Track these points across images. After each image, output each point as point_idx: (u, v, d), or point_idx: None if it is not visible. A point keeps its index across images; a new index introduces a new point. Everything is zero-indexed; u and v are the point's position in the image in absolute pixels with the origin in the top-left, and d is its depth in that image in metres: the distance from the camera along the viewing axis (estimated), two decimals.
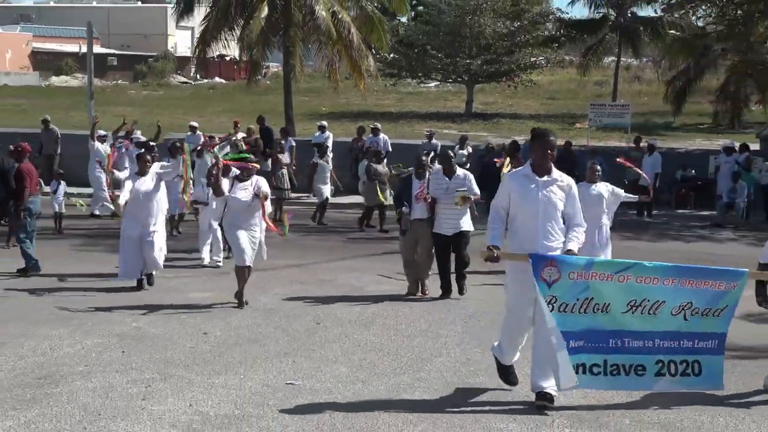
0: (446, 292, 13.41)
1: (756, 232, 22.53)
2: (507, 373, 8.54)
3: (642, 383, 8.04)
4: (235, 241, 12.34)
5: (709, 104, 50.90)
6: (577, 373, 7.80)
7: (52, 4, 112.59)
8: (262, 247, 12.49)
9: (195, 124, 26.88)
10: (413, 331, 11.22)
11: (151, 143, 18.09)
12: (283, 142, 23.86)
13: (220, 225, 13.75)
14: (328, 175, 21.86)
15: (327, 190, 21.61)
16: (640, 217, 24.60)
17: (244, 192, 12.22)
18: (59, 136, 26.22)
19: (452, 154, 14.64)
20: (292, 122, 29.47)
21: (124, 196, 13.02)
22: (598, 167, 15.14)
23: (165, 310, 12.08)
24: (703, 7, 31.29)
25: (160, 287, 13.60)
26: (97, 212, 20.75)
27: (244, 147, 20.55)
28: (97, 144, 20.28)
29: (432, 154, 21.39)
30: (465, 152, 25.76)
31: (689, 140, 40.38)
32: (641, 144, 26.38)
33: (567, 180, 8.28)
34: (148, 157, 13.78)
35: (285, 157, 22.56)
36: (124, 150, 20.22)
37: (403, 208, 13.16)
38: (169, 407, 7.97)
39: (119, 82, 74.85)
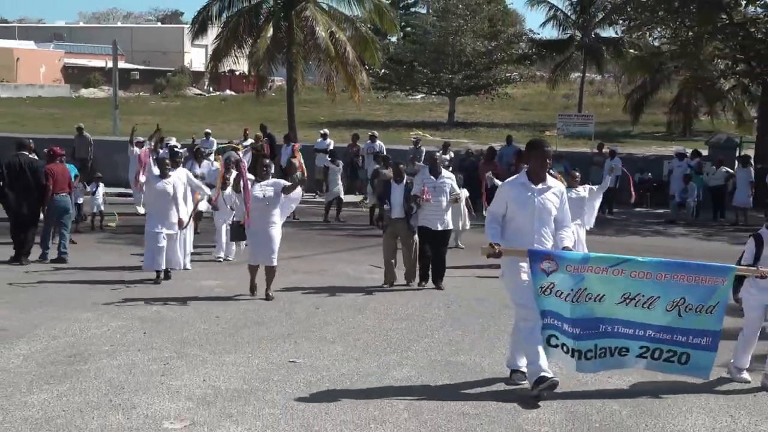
0: (423, 279, 13.25)
1: (704, 228, 22.67)
2: (514, 375, 8.15)
3: (623, 362, 7.94)
4: (252, 240, 12.18)
5: (663, 115, 51.14)
6: (573, 357, 7.78)
7: (81, 24, 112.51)
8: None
9: (209, 130, 26.92)
10: (401, 315, 11.24)
11: (177, 150, 17.83)
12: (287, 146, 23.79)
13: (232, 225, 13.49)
14: (339, 176, 21.84)
15: (339, 189, 21.58)
16: (602, 214, 24.58)
17: (262, 192, 11.97)
18: (92, 142, 26.16)
19: (438, 157, 14.62)
20: (295, 130, 29.42)
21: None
22: (578, 174, 15.30)
23: (181, 297, 12.08)
24: (659, 28, 31.27)
25: (177, 276, 13.59)
26: (141, 210, 20.32)
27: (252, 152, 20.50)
28: (136, 149, 20.21)
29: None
30: (447, 157, 25.75)
31: (646, 147, 40.45)
32: (603, 150, 26.44)
33: (560, 186, 8.14)
34: (168, 161, 13.70)
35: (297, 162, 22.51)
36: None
37: (385, 206, 13.02)
38: (185, 382, 7.98)
39: (141, 93, 74.66)
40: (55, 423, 6.79)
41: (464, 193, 16.67)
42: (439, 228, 13.04)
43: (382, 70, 53.39)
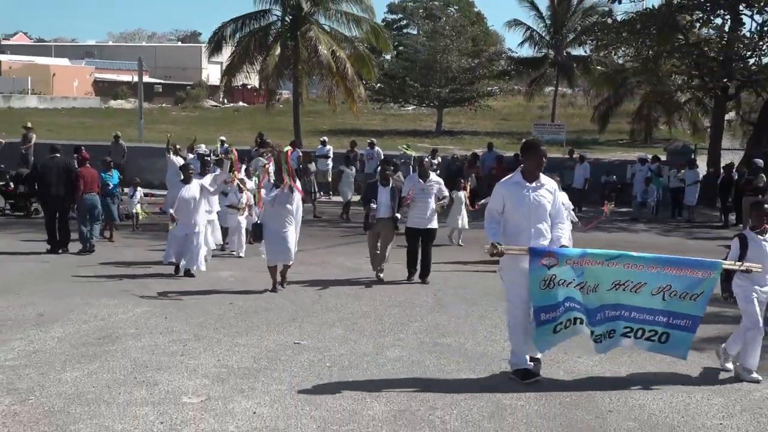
0: (411, 274, 12.89)
1: (663, 224, 22.69)
2: (528, 375, 7.53)
3: (611, 344, 7.70)
4: (269, 241, 11.66)
5: (626, 124, 51.30)
6: (559, 331, 7.56)
7: (110, 43, 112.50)
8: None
9: (224, 138, 26.89)
10: (393, 302, 11.22)
11: (206, 157, 17.59)
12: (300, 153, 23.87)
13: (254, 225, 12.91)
14: (352, 180, 21.78)
15: (350, 193, 21.49)
16: (572, 211, 24.66)
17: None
18: (126, 150, 26.11)
19: (431, 161, 14.33)
20: (300, 137, 29.47)
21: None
22: (558, 177, 15.26)
23: (199, 286, 12.07)
24: (623, 48, 31.32)
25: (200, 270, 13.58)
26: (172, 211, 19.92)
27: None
28: (172, 156, 20.05)
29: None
30: (436, 161, 25.84)
31: (611, 152, 40.53)
32: (574, 155, 26.49)
33: (552, 184, 7.78)
34: (191, 167, 13.68)
35: (312, 167, 22.49)
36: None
37: (371, 205, 12.57)
38: (201, 361, 7.97)
39: (163, 105, 74.63)
40: (85, 398, 6.78)
41: (463, 193, 16.75)
42: (427, 227, 12.76)
43: (378, 85, 53.51)
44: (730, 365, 7.97)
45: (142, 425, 6.19)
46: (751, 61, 28.19)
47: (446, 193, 13.34)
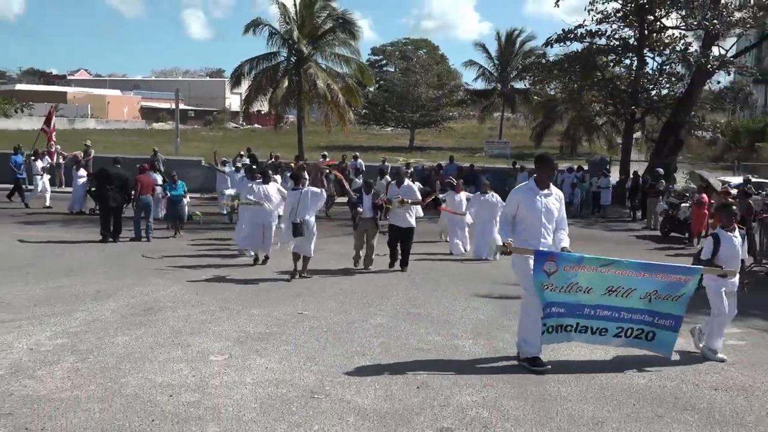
0: (391, 264, 12.49)
1: (585, 219, 22.81)
2: (537, 363, 6.77)
3: (602, 340, 6.99)
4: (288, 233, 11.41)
5: (557, 141, 51.53)
6: (551, 332, 6.78)
7: (153, 78, 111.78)
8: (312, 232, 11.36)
9: (243, 153, 26.71)
10: (377, 281, 11.21)
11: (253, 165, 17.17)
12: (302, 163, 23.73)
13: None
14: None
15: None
16: None
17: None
18: (164, 159, 26.12)
19: (405, 171, 13.90)
20: (303, 152, 29.40)
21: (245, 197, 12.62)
22: (488, 182, 15.30)
23: (223, 269, 12.01)
24: (554, 82, 31.46)
25: (219, 255, 13.52)
26: (225, 211, 19.17)
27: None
28: (219, 167, 19.82)
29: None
30: (410, 170, 25.84)
31: None
32: (517, 165, 26.57)
33: (559, 192, 7.17)
34: (256, 171, 13.78)
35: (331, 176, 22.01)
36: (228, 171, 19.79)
37: (359, 208, 12.29)
38: (225, 327, 7.92)
39: (195, 126, 74.27)
40: (133, 357, 6.72)
41: (409, 197, 16.25)
42: (405, 226, 12.32)
43: (363, 110, 53.41)
44: (721, 355, 7.32)
45: (178, 378, 6.14)
46: (653, 92, 28.41)
47: (418, 196, 12.91)
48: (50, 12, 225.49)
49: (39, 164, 21.65)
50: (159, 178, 17.84)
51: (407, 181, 13.04)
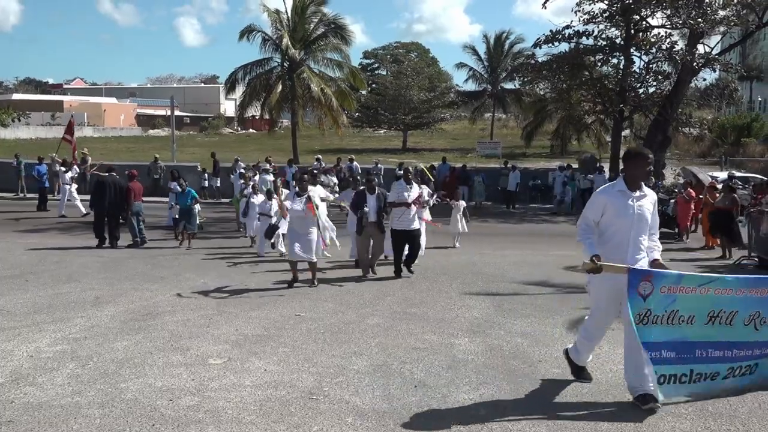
0: (397, 274, 11.55)
1: (576, 217, 22.78)
2: (581, 372, 6.18)
3: (714, 386, 5.71)
4: (290, 241, 10.83)
5: (547, 140, 51.65)
6: (663, 383, 5.51)
7: (149, 85, 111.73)
8: (315, 242, 10.67)
9: (238, 157, 26.70)
10: (372, 282, 11.19)
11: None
12: (296, 168, 23.71)
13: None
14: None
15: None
16: (507, 208, 24.82)
17: (299, 204, 10.58)
18: (164, 167, 26.15)
19: (411, 171, 12.95)
20: (297, 156, 29.38)
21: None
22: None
23: (221, 273, 11.96)
24: (543, 83, 31.50)
25: (220, 260, 13.46)
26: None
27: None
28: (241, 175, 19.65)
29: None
30: (401, 172, 25.82)
31: (536, 162, 40.77)
32: (508, 165, 26.59)
33: (652, 193, 5.82)
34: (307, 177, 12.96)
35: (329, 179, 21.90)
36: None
37: (365, 208, 11.45)
38: (223, 331, 7.87)
39: (191, 132, 74.23)
40: (133, 361, 6.67)
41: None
42: (412, 228, 11.54)
43: (356, 113, 53.50)
44: None
45: (178, 382, 6.10)
46: (641, 90, 28.46)
47: (426, 198, 12.28)
48: (46, 21, 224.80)
49: (68, 175, 21.33)
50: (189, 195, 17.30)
51: (415, 184, 12.25)
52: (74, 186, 21.57)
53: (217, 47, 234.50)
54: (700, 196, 17.09)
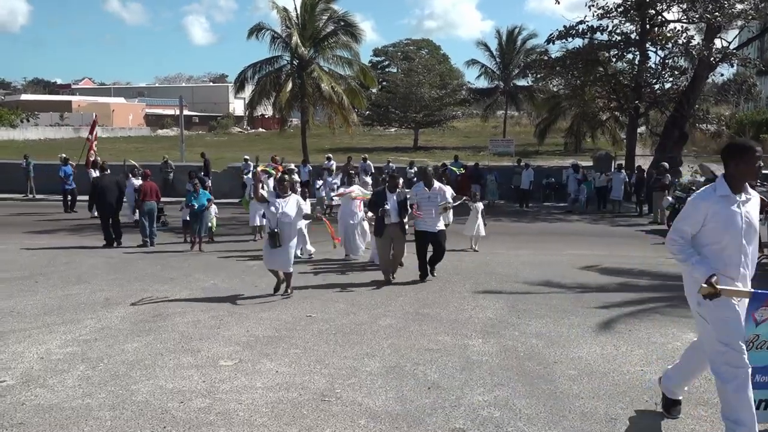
0: (422, 277, 11.18)
1: (591, 215, 22.75)
2: (673, 407, 5.39)
3: None
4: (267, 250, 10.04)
5: (561, 138, 51.49)
6: (759, 408, 4.78)
7: (157, 84, 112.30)
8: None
9: (247, 156, 26.72)
10: (384, 282, 11.14)
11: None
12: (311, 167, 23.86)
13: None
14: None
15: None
16: (520, 207, 24.74)
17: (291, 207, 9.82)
18: (173, 167, 26.34)
19: (431, 170, 12.00)
20: (307, 155, 29.42)
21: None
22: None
23: (231, 273, 11.99)
24: (556, 79, 31.42)
25: (229, 259, 13.49)
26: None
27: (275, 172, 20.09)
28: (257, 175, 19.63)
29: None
30: (413, 171, 25.87)
31: (550, 160, 40.60)
32: (521, 163, 26.51)
33: (756, 195, 4.84)
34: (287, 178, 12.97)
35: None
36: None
37: (386, 206, 10.88)
38: (233, 332, 7.90)
39: (199, 132, 74.56)
40: (143, 363, 6.70)
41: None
42: (436, 230, 11.11)
43: (367, 112, 53.48)
44: None
45: (189, 384, 6.12)
46: (656, 86, 28.33)
47: (449, 198, 11.80)
48: (54, 22, 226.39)
49: (94, 174, 21.29)
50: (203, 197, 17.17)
51: (437, 184, 11.59)
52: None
53: (225, 46, 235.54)
54: None
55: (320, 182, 22.07)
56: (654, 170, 23.12)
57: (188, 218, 15.17)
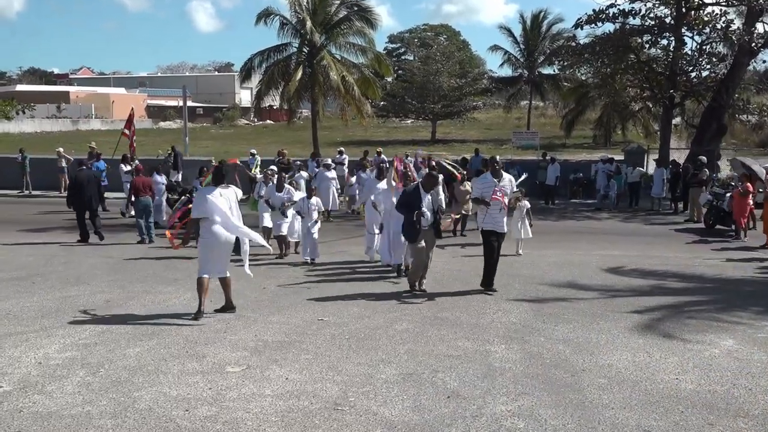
0: (488, 288, 10.41)
1: (622, 213, 22.61)
2: None
3: None
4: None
5: (590, 130, 51.25)
6: None
7: (159, 74, 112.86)
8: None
9: (254, 150, 26.83)
10: (400, 286, 11.12)
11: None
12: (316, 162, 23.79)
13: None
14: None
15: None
16: (546, 204, 24.64)
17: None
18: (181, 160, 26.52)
19: (498, 160, 10.94)
20: (318, 149, 29.50)
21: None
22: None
23: (238, 274, 12.02)
24: (585, 67, 31.20)
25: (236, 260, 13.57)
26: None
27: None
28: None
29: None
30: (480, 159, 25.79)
31: (577, 154, 40.39)
32: (547, 157, 26.40)
33: None
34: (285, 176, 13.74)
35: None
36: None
37: (423, 209, 10.03)
38: (241, 336, 7.94)
39: (204, 124, 74.80)
40: (146, 369, 6.76)
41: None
42: (505, 230, 10.44)
43: (382, 102, 53.46)
44: None
45: (194, 391, 6.17)
46: (693, 74, 28.06)
47: (516, 188, 11.12)
48: (51, 8, 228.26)
49: (124, 168, 21.17)
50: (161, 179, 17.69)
51: (506, 175, 10.79)
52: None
53: (232, 33, 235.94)
54: (760, 191, 16.81)
55: (354, 179, 21.85)
56: (690, 164, 22.94)
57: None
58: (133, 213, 16.94)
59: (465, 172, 17.20)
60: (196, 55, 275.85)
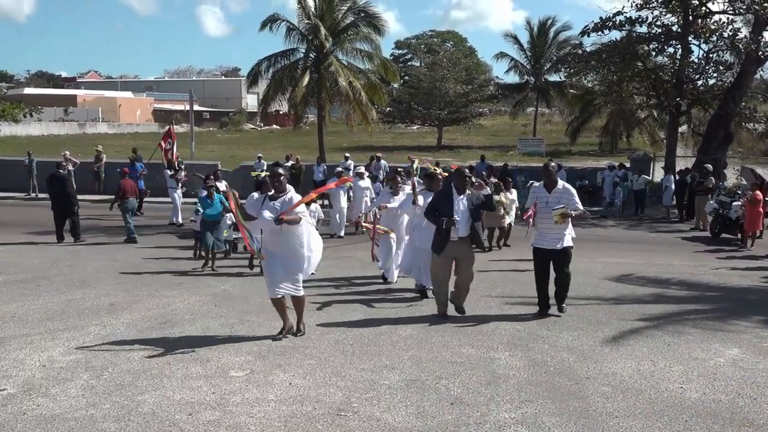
0: (544, 308, 9.29)
1: (628, 221, 22.58)
2: None
3: None
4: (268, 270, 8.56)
5: (595, 137, 51.22)
6: None
7: (166, 78, 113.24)
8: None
9: (260, 155, 26.96)
10: (404, 293, 11.11)
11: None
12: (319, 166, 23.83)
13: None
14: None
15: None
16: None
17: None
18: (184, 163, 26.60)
19: (555, 166, 10.01)
20: (324, 153, 29.52)
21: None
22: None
23: (242, 279, 12.06)
24: (591, 74, 31.23)
25: (238, 266, 13.57)
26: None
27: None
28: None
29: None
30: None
31: (583, 161, 40.36)
32: (552, 164, 26.36)
33: None
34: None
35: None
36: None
37: (455, 216, 8.68)
38: (245, 341, 7.94)
39: (210, 129, 75.15)
40: (150, 372, 6.77)
41: (573, 207, 12.52)
42: (559, 247, 9.09)
43: (388, 108, 53.60)
44: None
45: (197, 395, 6.17)
46: (699, 82, 28.07)
47: (577, 202, 9.29)
48: (59, 12, 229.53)
49: (169, 173, 20.79)
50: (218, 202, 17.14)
51: (562, 183, 9.54)
52: (180, 190, 20.43)
53: (239, 38, 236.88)
54: (767, 199, 16.76)
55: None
56: (697, 172, 22.90)
57: (198, 229, 13.86)
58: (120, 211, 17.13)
59: (497, 180, 16.65)
60: (204, 60, 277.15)
